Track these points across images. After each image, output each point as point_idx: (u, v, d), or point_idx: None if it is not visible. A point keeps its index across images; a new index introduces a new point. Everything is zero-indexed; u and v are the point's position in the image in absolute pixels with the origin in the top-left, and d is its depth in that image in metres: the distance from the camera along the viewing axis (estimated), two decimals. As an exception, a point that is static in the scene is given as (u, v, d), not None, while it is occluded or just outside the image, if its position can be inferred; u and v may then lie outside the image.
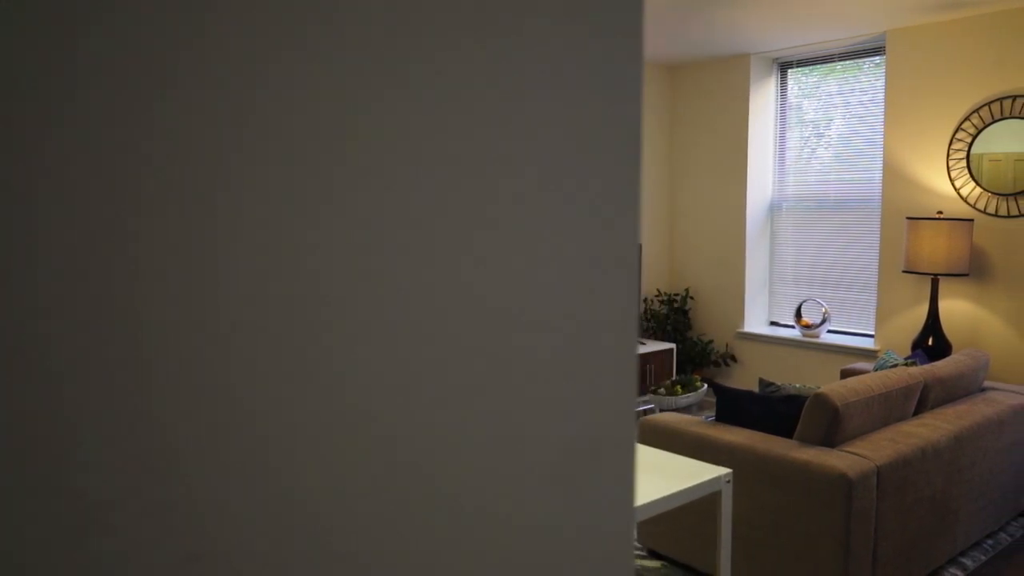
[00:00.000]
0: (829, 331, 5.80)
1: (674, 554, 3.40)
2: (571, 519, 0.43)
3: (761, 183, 6.10)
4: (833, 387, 3.13)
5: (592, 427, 0.43)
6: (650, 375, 5.75)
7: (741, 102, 5.99)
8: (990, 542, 3.69)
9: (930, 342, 4.72)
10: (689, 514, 3.28)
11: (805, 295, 5.94)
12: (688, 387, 4.54)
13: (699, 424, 3.31)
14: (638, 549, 3.61)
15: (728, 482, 2.04)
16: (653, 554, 3.56)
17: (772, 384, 3.58)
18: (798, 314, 5.84)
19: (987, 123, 4.71)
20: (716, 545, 1.97)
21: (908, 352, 5.00)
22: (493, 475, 0.39)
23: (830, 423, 3.03)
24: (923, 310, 5.05)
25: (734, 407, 3.36)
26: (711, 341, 6.26)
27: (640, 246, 5.83)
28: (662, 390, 4.49)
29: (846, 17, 4.78)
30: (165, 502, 0.29)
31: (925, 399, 3.57)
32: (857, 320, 5.67)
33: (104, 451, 0.28)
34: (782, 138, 6.08)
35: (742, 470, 3.06)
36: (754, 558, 3.05)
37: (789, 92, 6.02)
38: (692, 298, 6.44)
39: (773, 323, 6.23)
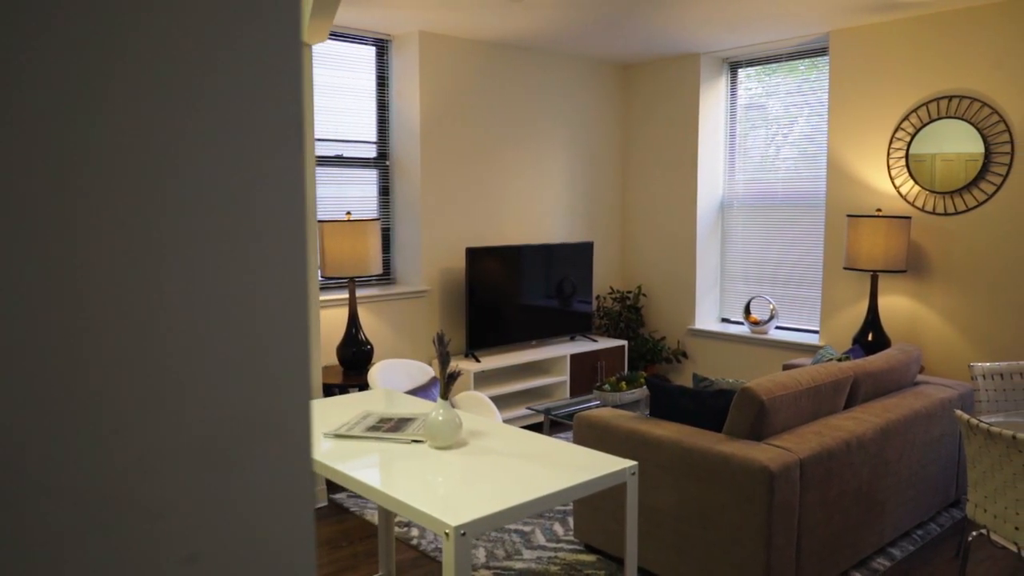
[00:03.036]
0: (777, 327, 5.88)
1: (609, 548, 3.43)
2: (231, 503, 0.44)
3: (712, 181, 6.17)
4: (761, 381, 3.18)
5: (253, 404, 0.45)
6: (601, 372, 5.79)
7: (692, 101, 6.05)
8: (920, 532, 3.77)
9: (870, 337, 4.81)
10: (622, 508, 3.31)
11: (754, 292, 6.02)
12: (633, 384, 4.59)
13: (632, 419, 3.35)
14: (574, 543, 3.64)
15: (633, 474, 2.07)
16: (589, 548, 3.60)
17: (706, 379, 3.63)
18: (747, 311, 5.91)
19: (925, 122, 4.80)
20: (623, 535, 2.00)
21: (850, 347, 5.08)
22: (129, 459, 0.41)
23: (756, 417, 3.08)
24: (864, 306, 5.14)
25: (668, 402, 3.40)
26: (663, 338, 6.32)
27: (592, 244, 5.87)
28: (607, 386, 4.53)
29: (791, 18, 4.86)
30: None
31: (856, 393, 3.64)
32: (803, 316, 5.76)
33: None
34: (732, 136, 6.16)
35: (671, 464, 3.10)
36: (683, 551, 3.09)
37: (739, 91, 6.09)
38: (644, 295, 6.50)
39: (724, 320, 6.31)
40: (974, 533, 2.78)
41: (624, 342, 5.96)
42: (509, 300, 5.46)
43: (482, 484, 1.95)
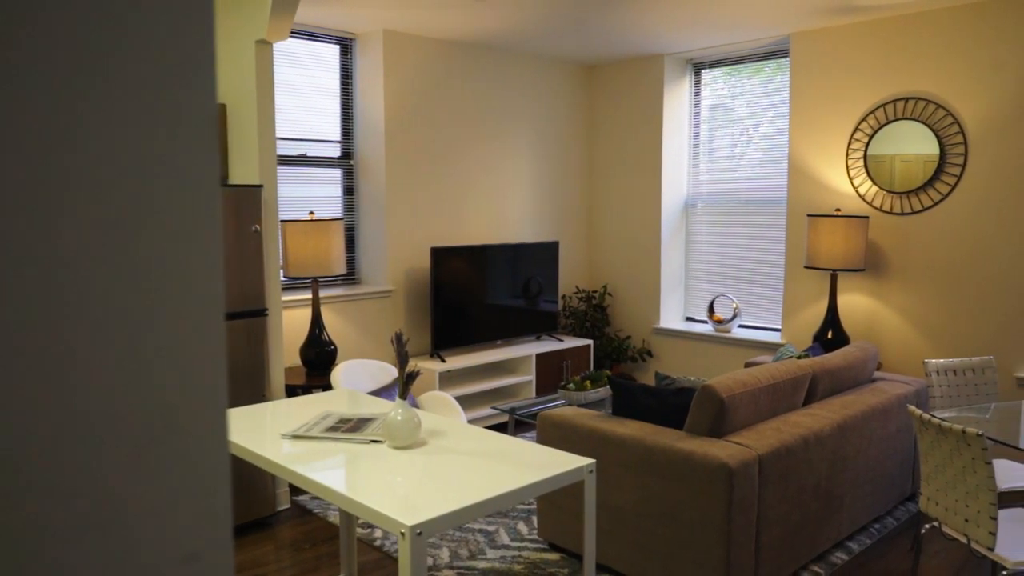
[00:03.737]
0: (740, 326, 5.95)
1: (572, 546, 3.45)
2: (145, 503, 0.44)
3: (676, 181, 6.23)
4: (721, 379, 3.22)
5: (157, 401, 0.44)
6: (567, 371, 5.82)
7: (656, 101, 6.10)
8: (877, 526, 3.84)
9: (829, 335, 4.88)
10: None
11: (718, 291, 6.09)
12: (598, 383, 4.61)
13: (595, 418, 3.37)
14: (538, 542, 3.65)
15: (591, 472, 2.08)
16: (552, 547, 3.61)
17: (668, 377, 3.66)
18: (711, 309, 5.98)
19: (882, 124, 4.89)
20: (583, 532, 2.01)
21: (810, 345, 5.16)
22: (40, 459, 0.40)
23: (717, 414, 3.11)
24: (824, 305, 5.22)
25: (631, 401, 3.43)
26: (628, 337, 6.36)
27: (558, 243, 5.89)
28: (571, 385, 4.54)
29: (752, 20, 4.91)
30: None
31: (814, 390, 3.70)
32: (766, 315, 5.83)
33: None
34: (696, 137, 6.22)
35: (633, 462, 3.12)
36: (645, 548, 3.12)
37: (703, 92, 6.15)
38: (610, 295, 6.53)
39: (688, 318, 6.37)
40: (927, 526, 2.84)
41: (590, 341, 5.99)
42: (475, 300, 5.46)
43: (439, 484, 1.95)
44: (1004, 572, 2.48)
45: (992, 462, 2.52)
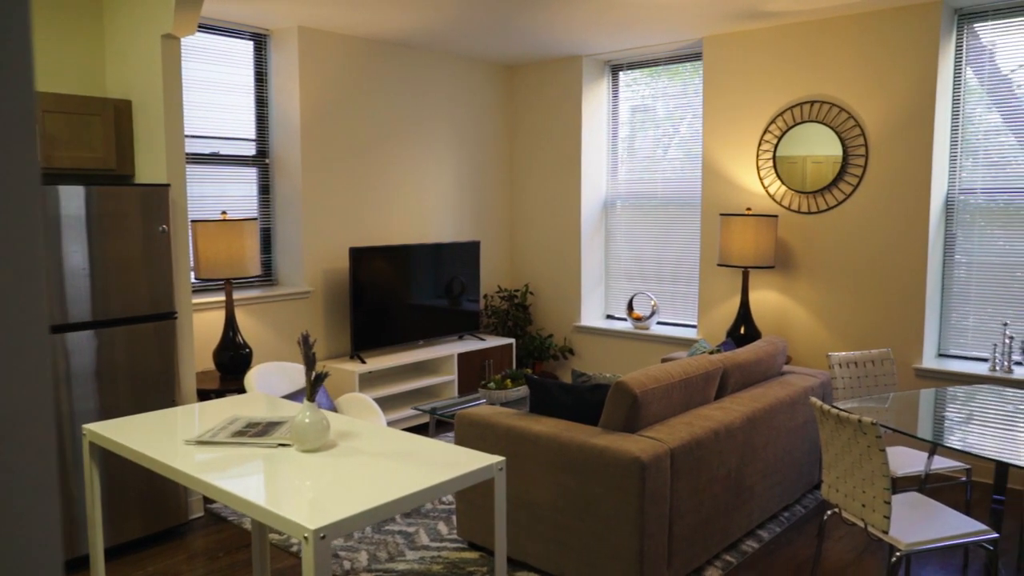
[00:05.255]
0: (659, 323, 6.07)
1: (491, 545, 3.46)
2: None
3: (595, 181, 6.31)
4: (635, 375, 3.28)
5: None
6: (489, 370, 5.83)
7: (575, 102, 6.17)
8: (786, 514, 3.97)
9: (742, 331, 5.03)
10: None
11: (637, 289, 6.20)
12: (518, 381, 4.64)
13: (511, 416, 3.39)
14: (458, 542, 3.65)
15: (501, 470, 2.09)
16: (472, 546, 3.61)
17: (584, 374, 3.70)
18: (630, 307, 6.08)
19: (790, 126, 5.06)
20: (494, 528, 2.02)
21: (723, 340, 5.30)
22: None
23: (630, 410, 3.17)
24: (737, 301, 5.38)
25: (548, 399, 3.46)
26: (550, 335, 6.42)
27: (479, 243, 5.89)
28: (492, 384, 4.56)
29: (666, 23, 5.02)
30: None
31: (725, 384, 3.80)
32: (683, 312, 5.97)
33: None
34: (614, 138, 6.31)
35: (549, 459, 3.15)
36: (562, 543, 3.15)
37: (620, 93, 6.25)
38: (532, 293, 6.58)
39: (609, 316, 6.46)
40: (829, 512, 2.96)
41: (512, 340, 6.02)
42: (396, 300, 5.42)
43: (346, 486, 1.93)
44: (898, 553, 2.60)
45: (885, 449, 2.64)
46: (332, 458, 2.15)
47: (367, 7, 4.57)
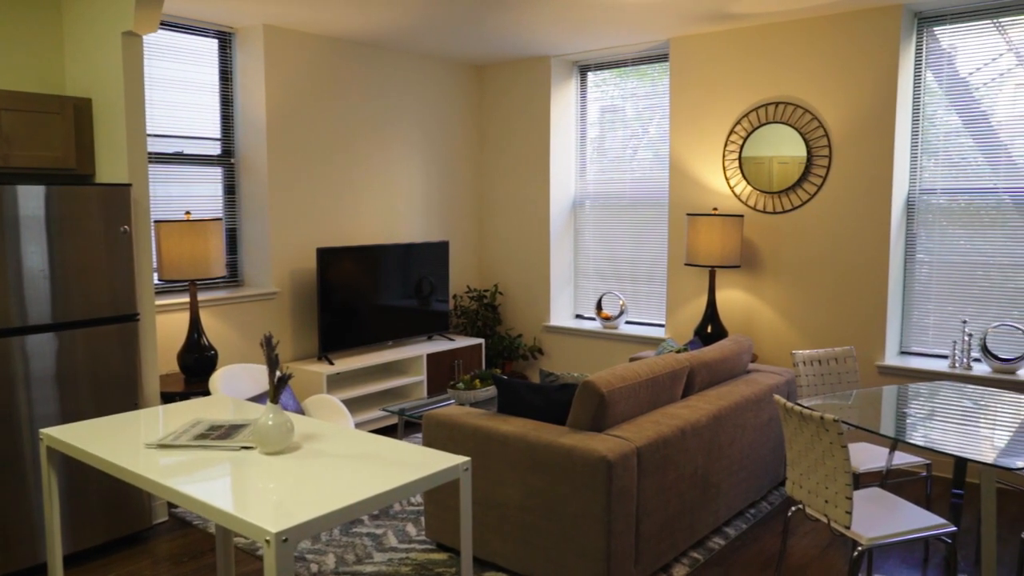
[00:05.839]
0: (627, 322, 6.10)
1: (459, 545, 3.44)
2: None
3: (564, 181, 6.33)
4: (602, 375, 3.29)
5: None
6: (458, 370, 5.82)
7: (543, 102, 6.18)
8: (752, 511, 4.02)
9: (709, 330, 5.08)
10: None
11: (606, 288, 6.23)
12: (487, 381, 4.63)
13: (479, 416, 3.38)
14: (426, 543, 3.64)
15: (466, 470, 2.09)
16: (440, 547, 3.60)
17: (552, 374, 3.71)
18: (599, 307, 6.11)
19: (756, 126, 5.12)
20: (456, 527, 2.02)
21: (690, 339, 5.35)
22: None
23: (597, 409, 3.18)
24: (704, 300, 5.43)
25: (515, 399, 3.46)
26: (520, 335, 6.42)
27: (447, 243, 5.88)
28: (460, 385, 4.55)
29: (634, 24, 5.05)
30: None
31: (692, 383, 3.83)
32: (651, 311, 6.01)
33: None
34: (583, 138, 6.34)
35: (517, 458, 3.15)
36: (529, 543, 3.15)
37: (589, 94, 6.27)
38: (501, 293, 6.58)
39: (578, 316, 6.48)
40: (793, 508, 2.99)
41: (481, 340, 6.01)
42: (364, 301, 5.39)
43: (310, 488, 1.91)
44: (860, 548, 2.64)
45: (847, 446, 2.68)
46: (296, 460, 2.13)
47: (333, 6, 4.54)
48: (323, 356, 5.16)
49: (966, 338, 4.50)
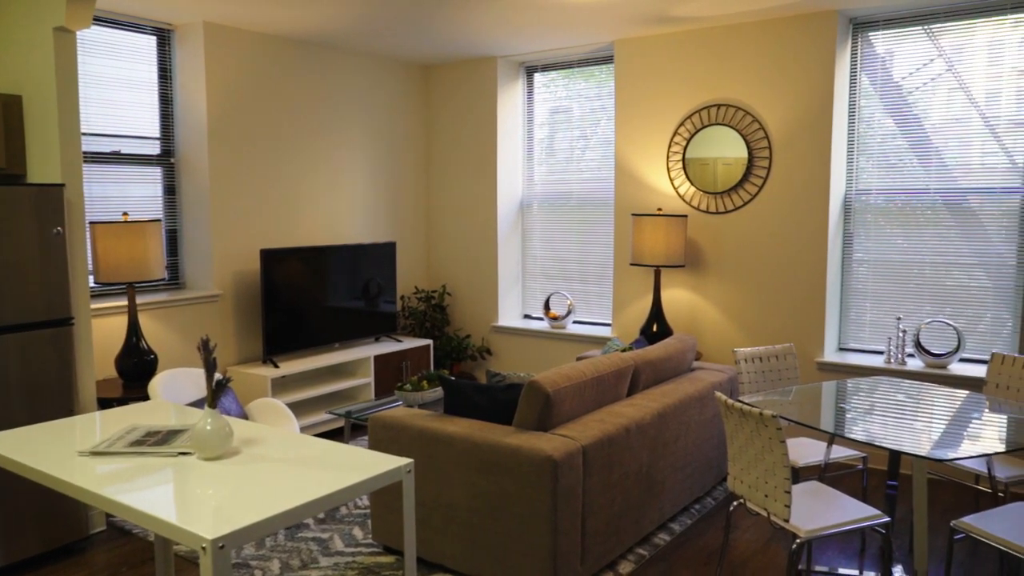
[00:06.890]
0: (575, 322, 6.15)
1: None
2: None
3: (512, 182, 6.34)
4: (547, 374, 3.30)
5: None
6: (406, 372, 5.79)
7: (491, 103, 6.18)
8: (697, 506, 4.08)
9: (654, 328, 5.14)
10: (416, 508, 3.32)
11: (554, 288, 6.26)
12: (435, 382, 4.61)
13: (425, 417, 3.37)
14: (373, 546, 3.61)
15: (409, 472, 2.08)
16: (388, 550, 3.58)
17: (498, 374, 3.72)
18: (547, 307, 6.14)
19: (699, 128, 5.20)
20: (403, 530, 2.01)
21: (636, 338, 5.40)
22: None
23: (543, 408, 3.20)
24: (650, 299, 5.50)
25: (462, 399, 3.45)
26: (468, 336, 6.41)
27: (395, 244, 5.84)
28: (408, 386, 4.52)
29: (578, 26, 5.08)
30: None
31: (637, 381, 3.88)
32: (598, 310, 6.06)
33: None
34: (530, 139, 6.36)
35: (463, 459, 3.15)
36: (476, 543, 3.15)
37: (536, 95, 6.30)
38: (450, 294, 6.56)
39: (526, 316, 6.50)
40: (735, 503, 3.05)
41: (429, 341, 5.99)
42: (310, 303, 5.32)
43: (248, 493, 1.88)
44: (799, 540, 2.71)
45: (785, 441, 2.74)
46: (235, 465, 2.10)
47: (274, 3, 4.47)
48: (268, 359, 5.09)
49: (901, 334, 4.64)
